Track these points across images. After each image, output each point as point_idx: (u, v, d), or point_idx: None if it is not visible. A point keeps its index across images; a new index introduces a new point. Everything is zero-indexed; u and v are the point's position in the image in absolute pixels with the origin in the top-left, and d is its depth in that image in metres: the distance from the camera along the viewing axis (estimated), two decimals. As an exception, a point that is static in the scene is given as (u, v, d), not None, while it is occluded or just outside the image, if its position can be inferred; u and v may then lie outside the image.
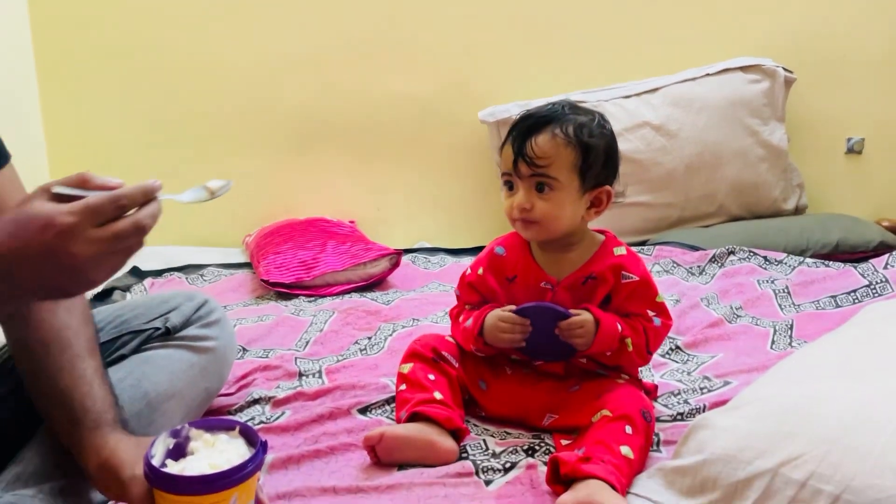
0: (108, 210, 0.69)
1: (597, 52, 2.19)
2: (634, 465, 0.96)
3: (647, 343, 1.10)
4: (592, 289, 1.10)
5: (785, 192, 2.10)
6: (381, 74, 2.18)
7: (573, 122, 1.06)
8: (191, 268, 1.94)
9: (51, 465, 0.87)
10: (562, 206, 1.06)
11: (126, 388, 0.97)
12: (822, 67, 2.17)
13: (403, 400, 1.10)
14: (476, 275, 1.16)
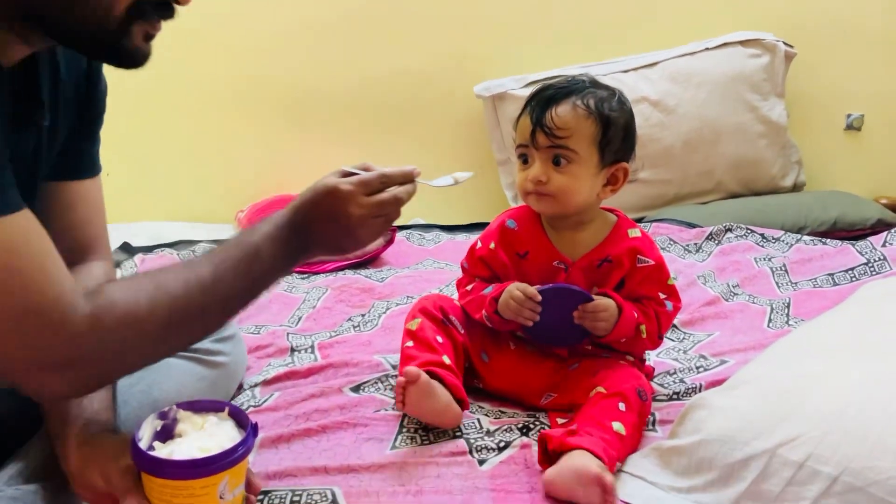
0: (375, 184, 0.89)
1: (594, 26, 2.15)
2: (627, 442, 0.95)
3: (658, 328, 1.09)
4: (608, 272, 1.08)
5: (783, 169, 2.08)
6: (375, 48, 2.14)
7: (594, 96, 1.05)
8: (182, 244, 1.91)
9: (54, 463, 0.86)
10: (579, 181, 1.04)
11: (136, 393, 0.96)
12: (822, 42, 2.14)
13: (409, 356, 1.07)
14: (487, 249, 1.13)
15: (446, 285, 1.59)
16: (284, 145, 2.20)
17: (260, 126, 2.18)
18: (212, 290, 0.82)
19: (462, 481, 0.92)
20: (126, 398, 0.94)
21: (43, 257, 0.72)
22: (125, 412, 0.92)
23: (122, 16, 0.76)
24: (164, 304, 0.78)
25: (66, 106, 0.92)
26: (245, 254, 0.86)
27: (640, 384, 1.03)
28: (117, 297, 0.76)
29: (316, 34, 2.12)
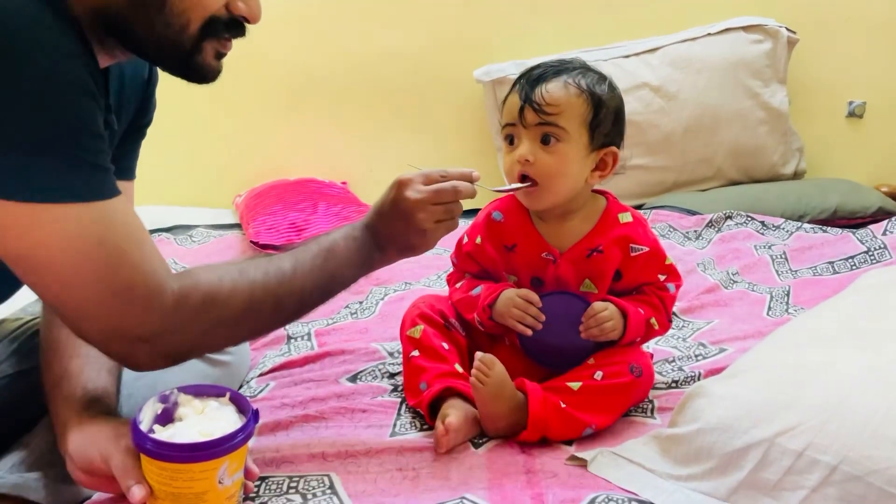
0: (434, 175, 0.94)
1: (596, 11, 2.13)
2: (590, 393, 0.98)
3: (667, 314, 1.07)
4: (599, 263, 1.04)
5: (784, 157, 2.07)
6: (374, 31, 2.12)
7: (585, 76, 1.01)
8: (179, 228, 1.91)
9: (56, 453, 0.86)
10: (568, 162, 0.99)
11: (141, 386, 0.96)
12: (825, 29, 2.13)
13: (419, 368, 1.03)
14: (474, 244, 1.10)
15: (444, 271, 1.58)
16: (282, 130, 2.18)
17: (257, 110, 2.17)
18: (289, 282, 0.86)
19: (458, 464, 0.92)
20: (131, 391, 0.94)
21: (140, 238, 0.78)
22: (129, 405, 0.93)
23: (196, 33, 0.81)
24: (244, 289, 0.83)
25: (126, 110, 0.96)
26: (322, 249, 0.91)
27: (633, 360, 1.02)
28: (202, 278, 0.81)
29: (314, 17, 2.10)
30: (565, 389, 0.98)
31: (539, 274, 1.06)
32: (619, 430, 1.00)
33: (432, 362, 1.03)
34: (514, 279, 1.08)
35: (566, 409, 0.97)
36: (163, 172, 2.16)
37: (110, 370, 0.91)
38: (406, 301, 1.39)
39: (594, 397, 0.99)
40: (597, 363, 1.01)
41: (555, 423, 0.96)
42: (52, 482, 0.84)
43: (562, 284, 1.05)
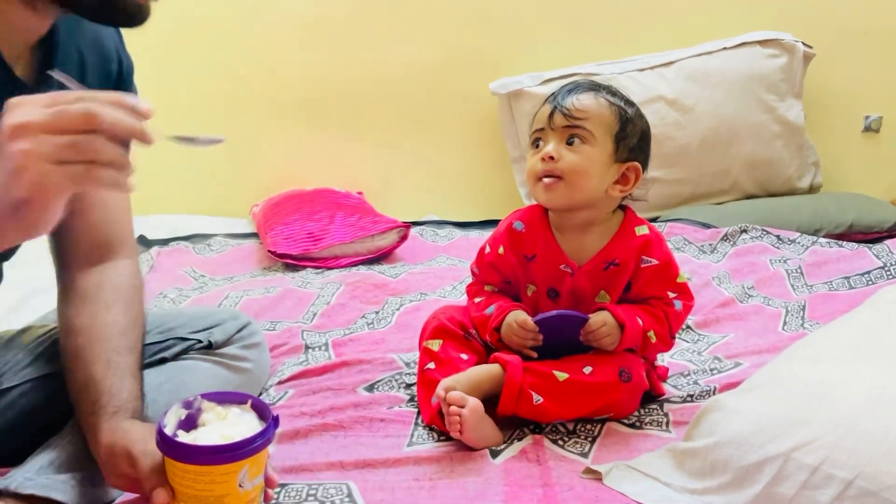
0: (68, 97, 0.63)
1: (611, 24, 2.15)
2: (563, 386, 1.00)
3: (669, 329, 1.08)
4: (614, 275, 1.06)
5: (800, 170, 2.07)
6: (391, 43, 2.15)
7: (616, 94, 1.07)
8: (198, 237, 1.93)
9: (84, 455, 0.88)
10: (591, 163, 1.02)
11: (165, 392, 0.98)
12: (841, 43, 2.13)
13: (433, 381, 1.03)
14: (496, 254, 1.11)
15: (460, 282, 1.59)
16: (299, 140, 2.21)
17: (275, 121, 2.20)
18: None
19: (475, 475, 0.93)
20: (155, 396, 0.96)
21: None
22: (153, 410, 0.94)
23: None
24: None
25: None
26: None
27: (624, 364, 1.03)
28: None
29: (332, 30, 2.13)
30: (550, 377, 1.00)
31: (555, 285, 1.08)
32: (633, 444, 1.00)
33: (447, 373, 1.04)
34: (533, 288, 1.10)
35: (539, 405, 0.99)
36: (181, 182, 2.20)
37: (133, 374, 0.92)
38: (422, 311, 1.42)
39: (575, 392, 1.00)
40: (589, 359, 1.03)
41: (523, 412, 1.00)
42: (80, 483, 0.86)
43: (577, 296, 1.07)
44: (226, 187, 2.22)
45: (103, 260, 0.98)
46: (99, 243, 0.98)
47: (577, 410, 1.02)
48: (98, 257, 0.98)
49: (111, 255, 0.99)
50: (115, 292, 0.96)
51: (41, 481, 0.84)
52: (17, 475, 0.85)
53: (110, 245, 0.99)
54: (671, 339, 1.10)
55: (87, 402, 0.88)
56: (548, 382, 1.00)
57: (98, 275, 0.97)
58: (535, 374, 1.01)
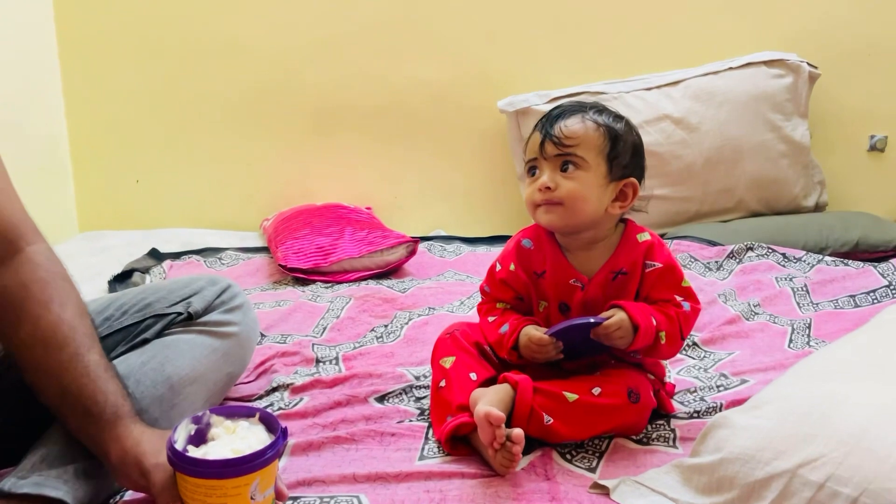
0: None
1: (618, 44, 2.17)
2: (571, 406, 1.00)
3: (680, 330, 1.08)
4: (623, 284, 1.08)
5: (805, 189, 2.08)
6: (400, 60, 2.18)
7: (602, 113, 1.08)
8: (209, 251, 1.95)
9: (73, 448, 0.88)
10: (587, 187, 1.04)
11: (148, 371, 0.98)
12: (847, 63, 2.15)
13: (445, 402, 1.05)
14: (507, 270, 1.13)
15: (467, 297, 1.61)
16: (310, 156, 2.24)
17: (286, 137, 2.23)
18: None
19: (485, 489, 0.94)
20: (139, 377, 0.96)
21: None
22: (140, 391, 0.94)
23: None
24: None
25: None
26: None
27: (633, 384, 1.04)
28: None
29: (342, 47, 2.16)
30: (560, 398, 1.01)
31: (566, 299, 1.10)
32: (640, 459, 1.01)
33: (458, 393, 1.05)
34: (545, 304, 1.12)
35: (550, 426, 1.00)
36: (192, 196, 2.23)
37: (107, 370, 0.90)
38: (431, 326, 1.43)
39: (585, 413, 1.01)
40: (598, 380, 1.04)
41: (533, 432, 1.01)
42: (73, 478, 0.86)
43: (589, 308, 1.08)
44: (237, 202, 2.24)
45: (11, 254, 0.91)
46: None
47: (586, 432, 1.03)
48: (4, 252, 0.91)
49: (17, 245, 0.92)
50: (43, 288, 0.90)
51: (34, 479, 0.84)
52: (11, 476, 0.85)
53: (10, 235, 0.92)
54: (681, 340, 1.09)
55: (75, 413, 0.87)
56: (558, 403, 1.01)
57: (14, 273, 0.90)
58: (545, 395, 1.01)
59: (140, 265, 1.81)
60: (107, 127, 2.20)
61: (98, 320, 1.00)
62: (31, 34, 2.06)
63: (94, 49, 2.15)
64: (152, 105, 2.20)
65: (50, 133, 2.14)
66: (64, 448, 0.88)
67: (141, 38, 2.14)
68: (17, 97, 1.95)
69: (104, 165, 2.22)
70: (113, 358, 0.97)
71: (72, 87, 2.17)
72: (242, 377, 1.23)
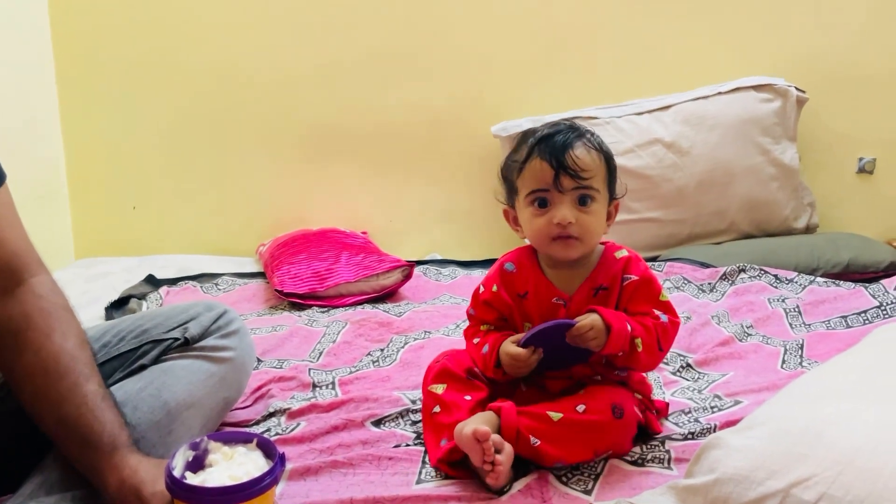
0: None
1: (609, 69, 2.21)
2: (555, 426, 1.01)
3: (658, 341, 1.09)
4: (604, 299, 1.10)
5: (796, 211, 2.11)
6: (394, 86, 2.20)
7: (593, 137, 1.10)
8: (205, 276, 1.96)
9: (71, 475, 0.89)
10: (600, 219, 1.09)
11: (146, 397, 0.99)
12: (834, 87, 2.18)
13: (440, 425, 1.07)
14: (490, 292, 1.15)
15: (463, 320, 1.61)
16: (305, 181, 2.25)
17: (282, 163, 2.24)
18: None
19: (482, 511, 0.95)
20: (136, 403, 0.96)
21: None
22: (137, 417, 0.95)
23: None
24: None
25: None
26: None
27: (617, 401, 1.05)
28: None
29: (338, 74, 2.19)
30: (545, 419, 1.02)
31: (550, 318, 1.11)
32: (635, 481, 1.02)
33: (452, 416, 1.06)
34: (529, 325, 1.13)
35: (537, 447, 1.01)
36: (189, 222, 2.24)
37: (105, 399, 0.91)
38: (426, 350, 1.44)
39: (570, 431, 1.02)
40: (582, 397, 1.05)
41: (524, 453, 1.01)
42: (70, 503, 0.86)
43: None
44: (233, 228, 2.25)
45: (15, 284, 0.93)
46: (2, 267, 0.92)
47: (575, 452, 1.03)
48: (8, 282, 0.92)
49: (20, 276, 0.93)
50: (46, 318, 0.92)
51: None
52: (9, 502, 0.85)
53: (15, 266, 0.93)
54: (659, 350, 1.10)
55: (73, 442, 0.88)
56: (543, 423, 1.02)
57: (17, 304, 0.92)
58: (529, 417, 1.02)
59: (136, 291, 1.81)
60: (103, 154, 2.21)
61: (96, 347, 1.00)
62: (29, 61, 2.08)
63: (91, 76, 2.17)
64: (149, 132, 2.21)
65: (47, 160, 2.16)
66: (62, 474, 0.89)
67: (138, 65, 2.16)
68: (14, 124, 1.97)
69: (100, 192, 2.23)
70: (111, 384, 0.98)
71: (69, 114, 2.18)
72: (239, 402, 1.23)
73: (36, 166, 2.10)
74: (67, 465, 0.89)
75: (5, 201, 0.96)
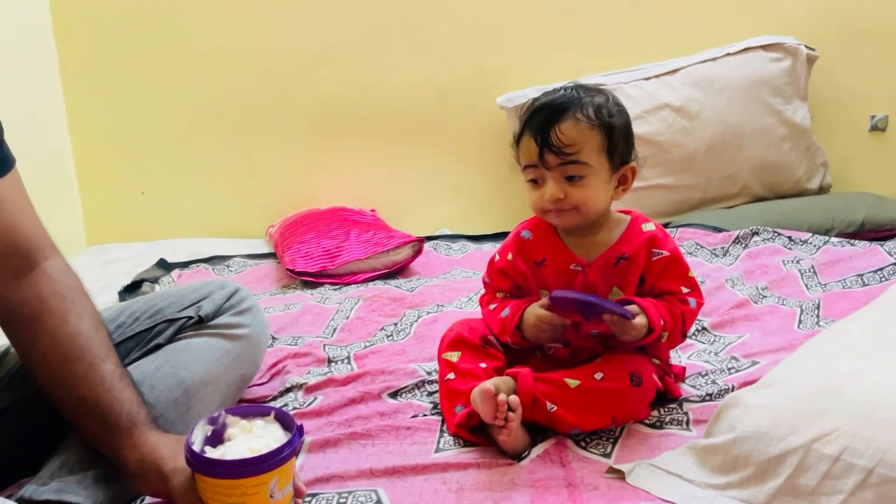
0: None
1: (615, 34, 2.18)
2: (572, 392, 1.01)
3: (683, 328, 1.09)
4: (625, 269, 1.09)
5: (809, 172, 2.08)
6: (399, 62, 2.19)
7: (592, 104, 1.05)
8: (217, 259, 1.96)
9: (91, 455, 0.89)
10: (595, 191, 1.05)
11: (163, 376, 0.99)
12: (845, 44, 2.15)
13: (454, 392, 1.06)
14: (505, 260, 1.15)
15: (475, 293, 1.61)
16: (312, 161, 2.25)
17: (287, 141, 2.24)
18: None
19: (501, 476, 0.95)
20: (153, 382, 0.97)
21: None
22: (155, 395, 0.96)
23: None
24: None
25: None
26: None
27: (635, 368, 1.04)
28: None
29: (341, 52, 2.17)
30: (562, 385, 1.02)
31: (568, 285, 1.10)
32: (655, 443, 1.02)
33: (467, 383, 1.06)
34: (546, 293, 1.12)
35: (554, 413, 1.00)
36: (198, 206, 2.25)
37: (122, 379, 0.91)
38: (439, 323, 1.44)
39: (588, 398, 1.01)
40: (600, 365, 1.04)
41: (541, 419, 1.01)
42: (92, 483, 0.87)
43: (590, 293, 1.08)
44: (242, 210, 2.25)
45: (29, 268, 0.93)
46: (16, 251, 0.92)
47: (592, 420, 1.03)
48: (22, 267, 0.93)
49: (34, 260, 0.94)
50: (60, 301, 0.92)
51: (54, 486, 0.85)
52: (32, 483, 0.86)
53: (28, 250, 0.94)
54: (681, 337, 1.11)
55: (92, 423, 0.89)
56: (560, 390, 1.02)
57: (32, 288, 0.92)
58: (546, 383, 1.02)
59: (149, 275, 1.82)
60: (110, 141, 2.21)
61: (111, 328, 1.01)
62: (31, 50, 2.07)
63: (94, 62, 2.16)
64: (154, 117, 2.21)
65: (54, 149, 2.16)
66: (82, 455, 0.90)
67: (141, 49, 2.16)
68: (20, 115, 1.96)
69: (109, 179, 2.23)
70: (127, 364, 0.98)
71: (74, 102, 2.18)
72: (256, 379, 1.24)
73: (44, 156, 2.11)
74: (87, 445, 0.90)
75: (16, 185, 0.96)
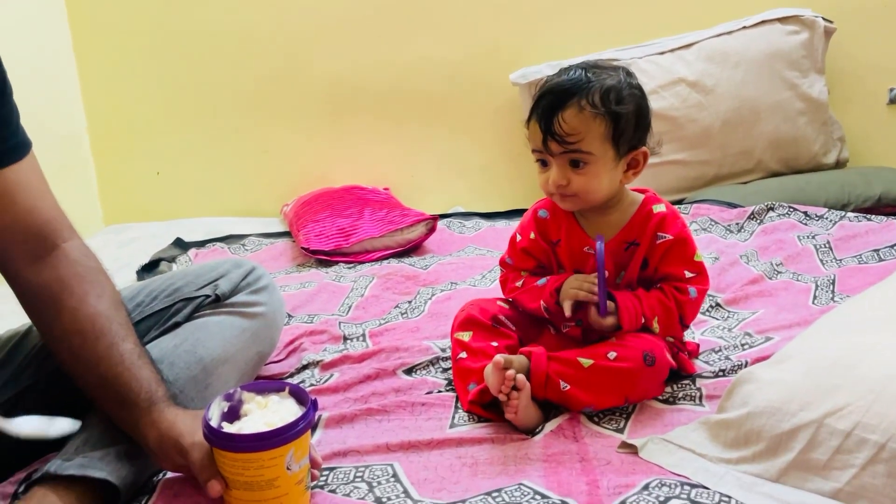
0: None
1: (629, 9, 2.15)
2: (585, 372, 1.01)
3: (681, 317, 1.10)
4: (633, 254, 1.10)
5: (825, 146, 2.06)
6: (411, 39, 2.18)
7: (599, 89, 1.03)
8: (232, 237, 1.98)
9: (114, 432, 0.91)
10: (598, 178, 1.05)
11: (181, 353, 1.01)
12: (863, 17, 2.11)
13: (467, 370, 1.07)
14: (528, 239, 1.15)
15: (489, 270, 1.62)
16: (326, 140, 2.25)
17: (300, 121, 2.24)
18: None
19: (515, 451, 0.96)
20: (172, 360, 0.99)
21: None
22: (174, 373, 0.97)
23: None
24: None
25: None
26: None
27: (649, 348, 1.04)
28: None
29: (353, 31, 2.17)
30: (575, 364, 1.02)
31: (581, 267, 1.12)
32: (668, 418, 1.03)
33: (479, 361, 1.07)
34: (563, 272, 1.13)
35: (567, 392, 1.01)
36: (213, 185, 2.26)
37: (141, 357, 0.93)
38: (453, 301, 1.45)
39: (601, 378, 1.02)
40: (613, 345, 1.05)
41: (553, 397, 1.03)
42: (115, 459, 0.89)
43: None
44: (257, 189, 2.27)
45: (48, 250, 0.95)
46: (35, 233, 0.94)
47: (605, 399, 1.03)
48: (42, 249, 0.94)
49: (53, 242, 0.95)
50: (80, 282, 0.93)
51: (78, 461, 0.87)
52: (56, 458, 0.88)
53: (47, 232, 0.95)
54: (682, 327, 1.12)
55: (112, 401, 0.90)
56: (573, 369, 1.02)
57: (51, 268, 0.94)
58: (560, 362, 1.03)
59: (166, 255, 1.84)
60: (126, 121, 2.23)
61: (130, 307, 1.02)
62: (45, 33, 2.09)
63: (108, 44, 2.17)
64: (169, 97, 2.22)
65: (70, 131, 2.18)
66: (105, 432, 0.92)
67: (154, 30, 2.16)
68: (36, 97, 1.98)
69: (125, 159, 2.25)
70: (146, 343, 1.00)
71: (89, 83, 2.19)
72: (273, 356, 1.25)
73: (60, 137, 2.12)
74: (109, 423, 0.92)
75: (34, 169, 0.97)
